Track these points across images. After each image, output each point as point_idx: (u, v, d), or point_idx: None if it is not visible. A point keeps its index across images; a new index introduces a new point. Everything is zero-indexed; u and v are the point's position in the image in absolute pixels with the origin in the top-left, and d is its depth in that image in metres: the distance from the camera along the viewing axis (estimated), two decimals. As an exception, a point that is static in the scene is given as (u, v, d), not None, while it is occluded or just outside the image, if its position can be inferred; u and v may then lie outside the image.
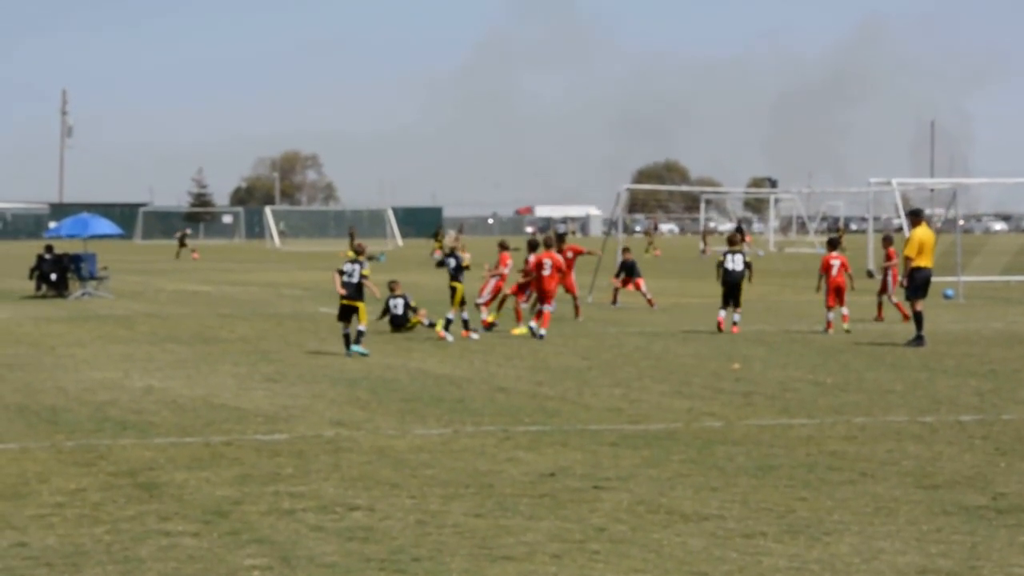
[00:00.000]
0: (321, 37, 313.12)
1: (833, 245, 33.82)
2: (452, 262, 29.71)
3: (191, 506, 12.91)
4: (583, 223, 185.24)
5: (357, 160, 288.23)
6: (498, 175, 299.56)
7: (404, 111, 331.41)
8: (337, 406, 19.32)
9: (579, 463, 14.96)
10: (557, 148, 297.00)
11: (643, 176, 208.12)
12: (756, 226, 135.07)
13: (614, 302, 39.81)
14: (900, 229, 62.54)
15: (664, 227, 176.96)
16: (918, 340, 27.50)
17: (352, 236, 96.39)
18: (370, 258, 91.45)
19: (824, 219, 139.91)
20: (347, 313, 26.46)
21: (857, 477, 14.17)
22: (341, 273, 26.96)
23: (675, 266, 73.47)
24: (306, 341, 29.03)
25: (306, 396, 20.37)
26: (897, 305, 33.82)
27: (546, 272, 30.44)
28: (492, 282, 32.05)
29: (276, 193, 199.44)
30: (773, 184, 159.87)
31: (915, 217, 29.68)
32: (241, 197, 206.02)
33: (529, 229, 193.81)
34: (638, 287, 39.65)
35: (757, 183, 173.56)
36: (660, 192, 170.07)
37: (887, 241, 37.21)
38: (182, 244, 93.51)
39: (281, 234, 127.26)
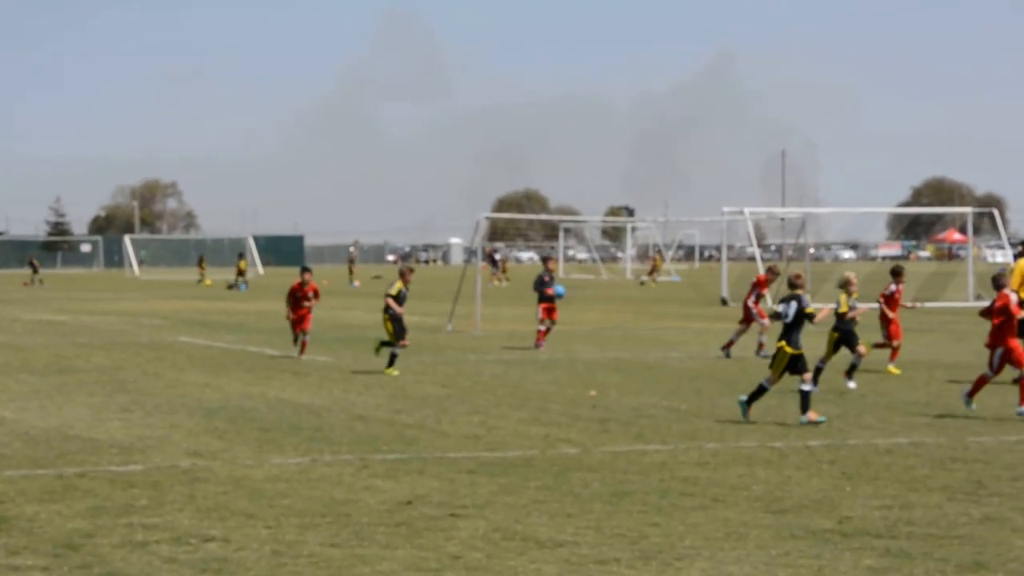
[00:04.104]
0: (182, 63, 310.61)
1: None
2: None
3: (41, 539, 12.81)
4: (444, 251, 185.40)
5: (218, 188, 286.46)
6: (359, 204, 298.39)
7: (266, 139, 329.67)
8: (194, 436, 19.24)
9: (436, 491, 15.07)
10: (418, 177, 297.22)
11: (503, 205, 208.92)
12: (615, 254, 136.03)
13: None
14: (753, 258, 63.30)
15: (524, 255, 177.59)
16: None
17: (202, 262, 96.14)
18: (230, 287, 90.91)
19: (680, 247, 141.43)
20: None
21: (709, 502, 14.42)
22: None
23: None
24: (164, 371, 28.83)
25: (162, 426, 20.26)
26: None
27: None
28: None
29: (136, 222, 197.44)
30: (630, 213, 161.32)
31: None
32: (100, 226, 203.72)
33: (391, 257, 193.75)
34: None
35: (615, 212, 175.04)
36: (520, 221, 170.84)
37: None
38: (35, 270, 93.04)
39: (140, 263, 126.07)
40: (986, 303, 23.22)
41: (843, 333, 25.85)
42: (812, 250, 74.80)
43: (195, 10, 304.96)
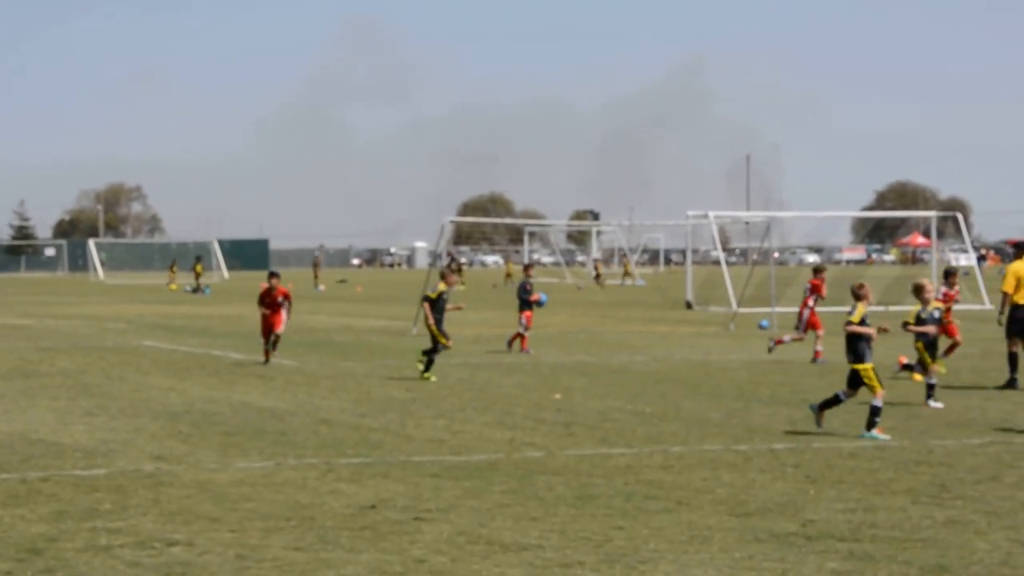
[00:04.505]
0: (148, 67, 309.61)
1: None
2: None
3: (4, 544, 12.75)
4: (409, 255, 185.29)
5: (183, 192, 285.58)
6: (325, 208, 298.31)
7: (231, 143, 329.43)
8: (158, 440, 19.19)
9: (401, 495, 15.05)
10: (384, 181, 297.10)
11: (468, 209, 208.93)
12: (579, 258, 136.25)
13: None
14: (717, 262, 63.45)
15: (489, 259, 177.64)
16: (1012, 383, 25.74)
17: (173, 267, 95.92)
18: (195, 291, 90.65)
19: (645, 251, 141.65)
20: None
21: (673, 506, 14.45)
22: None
23: (500, 296, 73.84)
24: (128, 375, 28.74)
25: (126, 430, 20.19)
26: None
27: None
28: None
29: (100, 226, 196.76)
30: (595, 217, 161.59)
31: (1019, 249, 27.25)
32: (65, 230, 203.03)
33: (356, 261, 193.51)
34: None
35: (580, 216, 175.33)
36: (484, 224, 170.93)
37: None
38: None
39: (103, 264, 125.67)
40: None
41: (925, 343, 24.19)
42: (777, 254, 74.98)
43: (160, 13, 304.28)
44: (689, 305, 60.01)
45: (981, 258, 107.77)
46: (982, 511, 14.09)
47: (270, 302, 31.78)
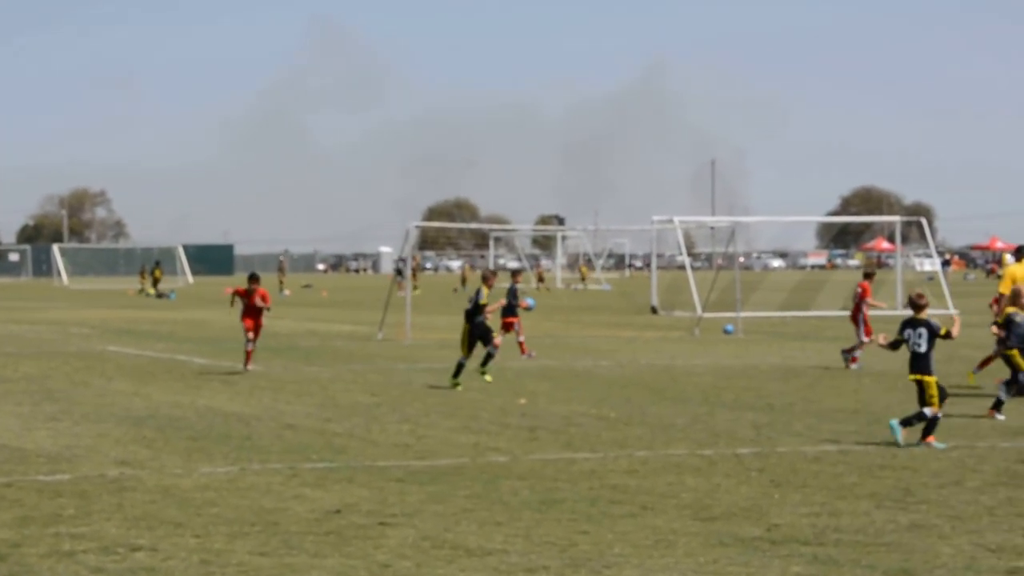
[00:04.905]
0: (112, 72, 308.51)
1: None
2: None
3: (-31, 549, 12.69)
4: (374, 260, 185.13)
5: (148, 197, 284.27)
6: (290, 213, 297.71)
7: (196, 148, 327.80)
8: (122, 445, 19.12)
9: (365, 500, 15.03)
10: (349, 186, 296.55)
11: (433, 214, 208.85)
12: (544, 263, 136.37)
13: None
14: (682, 267, 63.59)
15: (455, 264, 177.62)
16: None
17: (143, 272, 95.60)
18: (160, 296, 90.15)
19: (610, 256, 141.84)
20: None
21: (638, 510, 14.46)
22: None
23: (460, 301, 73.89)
24: (92, 380, 28.63)
25: (90, 435, 20.12)
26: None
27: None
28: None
29: (64, 231, 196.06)
30: (561, 222, 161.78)
31: (1020, 254, 27.02)
32: (29, 235, 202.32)
33: (321, 266, 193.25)
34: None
35: (545, 221, 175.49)
36: (450, 229, 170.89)
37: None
38: None
39: (67, 269, 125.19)
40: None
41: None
42: (742, 259, 75.10)
43: (125, 18, 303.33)
44: (654, 310, 60.11)
45: (945, 263, 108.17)
46: (946, 515, 14.15)
47: (250, 306, 30.98)
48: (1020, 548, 12.66)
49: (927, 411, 19.07)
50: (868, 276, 33.71)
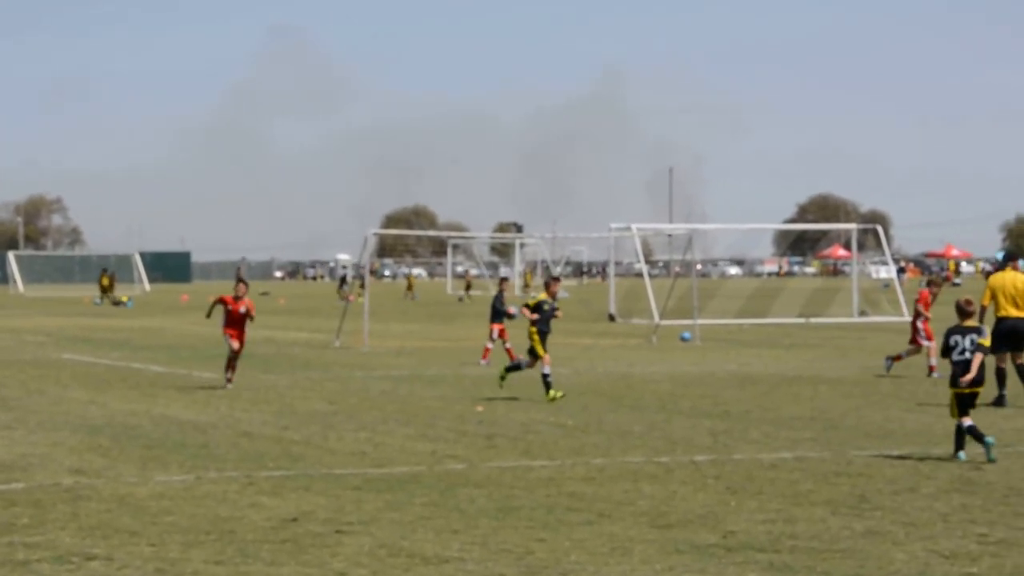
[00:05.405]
0: (69, 77, 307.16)
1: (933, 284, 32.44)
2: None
3: (-78, 558, 12.62)
4: (332, 267, 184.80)
5: (105, 204, 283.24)
6: (247, 220, 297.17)
7: (153, 155, 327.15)
8: (77, 454, 19.03)
9: (322, 508, 15.00)
10: (307, 193, 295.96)
11: (392, 221, 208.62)
12: (503, 270, 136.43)
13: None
14: (640, 274, 63.73)
15: (414, 271, 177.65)
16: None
17: (108, 278, 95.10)
18: (116, 303, 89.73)
19: (568, 263, 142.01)
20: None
21: (595, 517, 14.47)
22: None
23: (424, 310, 73.86)
24: (48, 388, 28.49)
25: (45, 444, 20.02)
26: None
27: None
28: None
29: (20, 238, 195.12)
30: (519, 229, 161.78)
31: (1005, 262, 26.53)
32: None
33: (279, 273, 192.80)
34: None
35: (503, 228, 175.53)
36: (408, 237, 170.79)
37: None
38: None
39: (23, 277, 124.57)
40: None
41: None
42: (699, 266, 75.31)
43: (82, 25, 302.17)
44: (612, 317, 60.19)
45: (901, 270, 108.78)
46: (900, 522, 14.21)
47: (236, 319, 28.91)
48: (973, 554, 12.74)
49: (969, 422, 18.32)
50: (930, 284, 33.24)
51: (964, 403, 18.32)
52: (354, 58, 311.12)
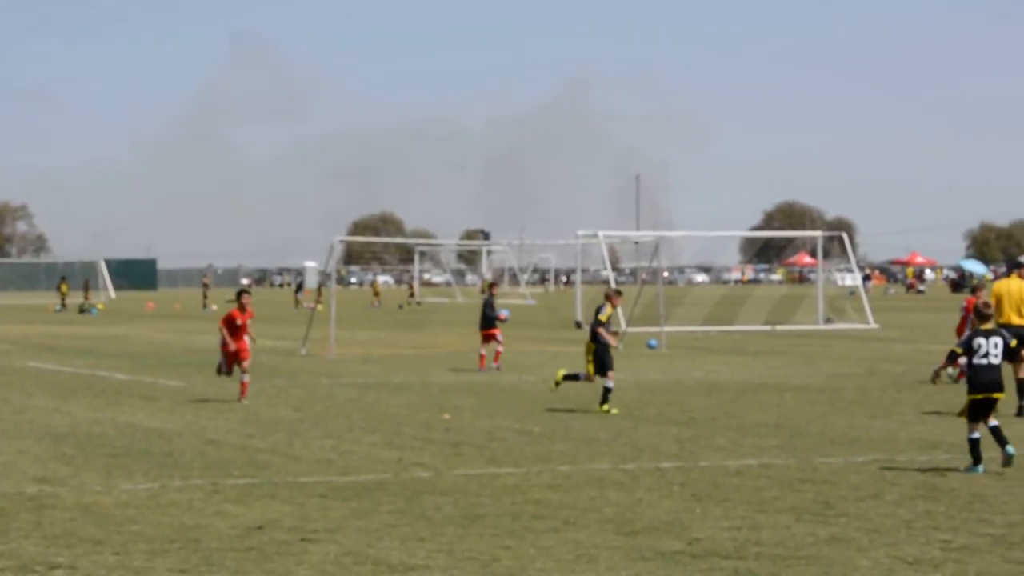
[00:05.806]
0: (31, 83, 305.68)
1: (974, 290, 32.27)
2: None
3: None
4: (299, 275, 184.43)
5: (70, 211, 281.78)
6: (213, 227, 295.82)
7: (118, 162, 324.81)
8: (41, 462, 18.96)
9: (287, 516, 14.98)
10: (273, 200, 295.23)
11: (358, 228, 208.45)
12: (469, 278, 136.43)
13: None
14: (607, 281, 63.77)
15: (380, 278, 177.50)
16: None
17: (75, 285, 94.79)
18: (82, 311, 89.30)
19: (535, 270, 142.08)
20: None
21: (560, 525, 14.49)
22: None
23: (389, 317, 73.75)
24: (11, 396, 28.36)
25: (9, 452, 19.93)
26: None
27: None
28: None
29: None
30: (486, 236, 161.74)
31: (1011, 268, 26.07)
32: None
33: (245, 281, 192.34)
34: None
35: (471, 235, 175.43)
36: (375, 244, 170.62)
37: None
38: None
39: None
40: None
41: None
42: (666, 273, 75.42)
43: (46, 31, 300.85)
44: (578, 325, 60.17)
45: (866, 278, 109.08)
46: (864, 528, 14.26)
47: (241, 325, 28.27)
48: (936, 560, 12.79)
49: (995, 422, 18.03)
50: (975, 290, 33.05)
51: (978, 410, 17.93)
52: (320, 65, 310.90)
